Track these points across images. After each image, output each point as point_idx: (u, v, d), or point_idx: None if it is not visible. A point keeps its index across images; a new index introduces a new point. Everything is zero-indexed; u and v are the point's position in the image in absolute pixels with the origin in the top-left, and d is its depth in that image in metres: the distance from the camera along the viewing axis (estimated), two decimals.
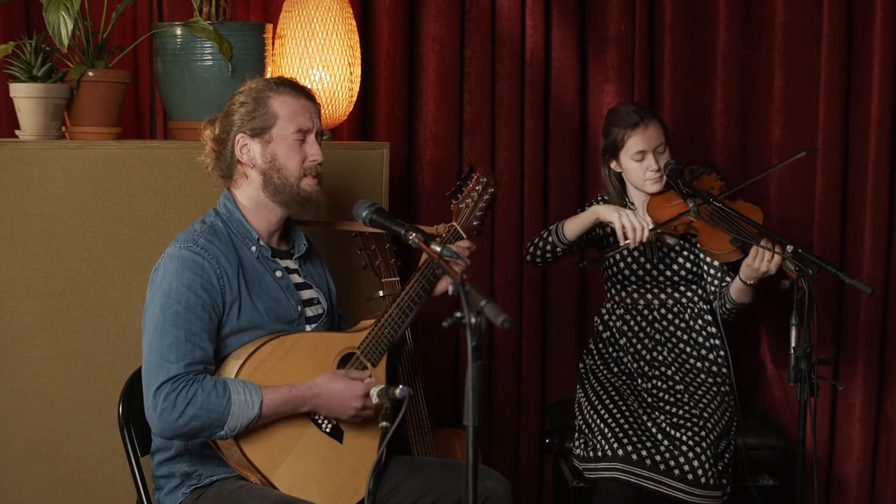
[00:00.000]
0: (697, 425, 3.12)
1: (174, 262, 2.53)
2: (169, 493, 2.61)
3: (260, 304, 2.60)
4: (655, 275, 3.40)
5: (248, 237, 2.65)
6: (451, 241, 2.86)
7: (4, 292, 2.99)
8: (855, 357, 3.83)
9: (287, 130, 2.64)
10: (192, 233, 2.60)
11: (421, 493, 2.68)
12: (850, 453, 3.86)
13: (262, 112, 2.63)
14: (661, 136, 3.32)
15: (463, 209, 2.93)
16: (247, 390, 2.46)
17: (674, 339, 3.40)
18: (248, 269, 2.62)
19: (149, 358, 2.49)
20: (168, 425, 2.44)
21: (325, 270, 2.86)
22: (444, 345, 3.87)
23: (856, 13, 3.77)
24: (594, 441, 3.18)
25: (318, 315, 2.75)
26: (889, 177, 3.78)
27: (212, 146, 2.71)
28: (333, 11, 3.41)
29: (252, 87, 2.68)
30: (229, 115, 2.67)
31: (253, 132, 2.64)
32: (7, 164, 2.98)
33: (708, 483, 3.05)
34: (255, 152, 2.64)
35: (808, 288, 2.89)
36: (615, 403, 3.24)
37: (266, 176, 2.64)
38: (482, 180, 2.97)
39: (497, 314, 1.92)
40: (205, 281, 2.52)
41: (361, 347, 2.67)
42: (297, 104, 2.66)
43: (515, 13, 3.80)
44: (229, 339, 2.57)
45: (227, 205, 2.68)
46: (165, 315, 2.49)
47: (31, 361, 3.02)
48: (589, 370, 3.45)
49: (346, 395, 2.56)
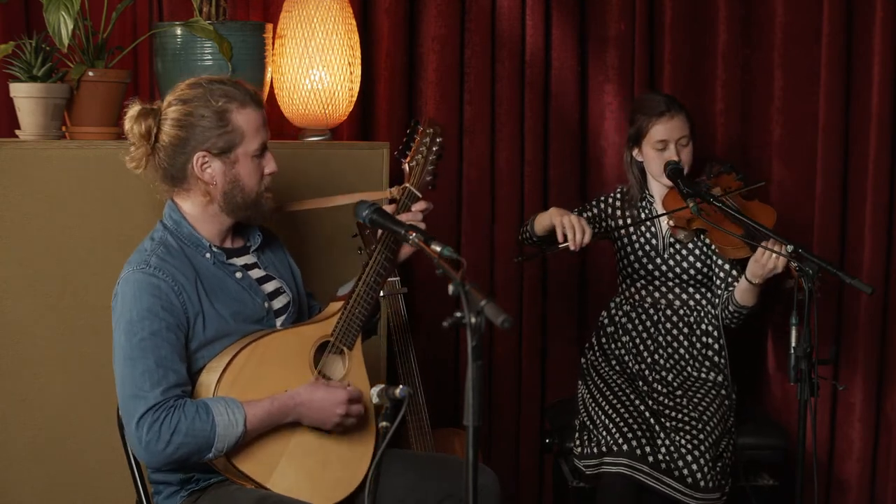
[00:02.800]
0: (696, 428, 3.13)
1: (130, 286, 2.48)
2: (167, 497, 2.60)
3: (225, 311, 2.55)
4: (665, 270, 3.39)
5: (200, 245, 2.59)
6: (406, 204, 2.77)
7: (4, 292, 3.00)
8: (855, 357, 3.83)
9: (251, 147, 2.56)
10: (142, 253, 2.54)
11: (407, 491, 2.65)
12: (850, 453, 3.86)
13: (228, 130, 2.53)
14: (686, 128, 3.34)
15: (414, 167, 2.82)
16: (229, 409, 2.43)
17: (675, 342, 3.40)
18: (207, 278, 2.56)
19: (122, 389, 2.45)
20: (155, 456, 2.41)
21: (286, 255, 2.80)
22: (444, 344, 3.87)
23: (856, 13, 3.77)
24: (598, 436, 3.18)
25: (285, 305, 2.70)
26: (889, 177, 3.78)
27: (144, 146, 2.56)
28: (333, 11, 3.41)
29: (208, 98, 2.53)
30: (186, 126, 2.52)
31: (217, 150, 2.53)
32: (7, 164, 2.98)
33: (707, 486, 3.06)
34: (217, 171, 2.55)
35: (808, 288, 2.89)
36: (618, 398, 3.24)
37: (227, 195, 2.57)
38: (428, 131, 2.84)
39: (497, 314, 1.92)
40: (164, 302, 2.46)
41: (335, 334, 2.62)
42: (257, 117, 2.57)
43: (515, 13, 3.80)
44: (200, 353, 2.53)
45: (172, 216, 2.60)
46: (132, 343, 2.44)
47: (31, 361, 3.02)
48: (590, 365, 3.46)
49: (328, 404, 2.53)
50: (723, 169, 3.45)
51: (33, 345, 3.02)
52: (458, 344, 3.90)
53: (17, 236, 2.99)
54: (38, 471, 3.04)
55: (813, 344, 2.88)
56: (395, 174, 3.68)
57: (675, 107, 3.34)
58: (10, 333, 3.00)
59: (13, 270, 2.99)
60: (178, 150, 2.54)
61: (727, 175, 3.43)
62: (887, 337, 3.81)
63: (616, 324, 3.48)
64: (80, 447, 3.06)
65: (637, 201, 3.45)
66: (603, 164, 3.90)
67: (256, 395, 2.49)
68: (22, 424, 3.03)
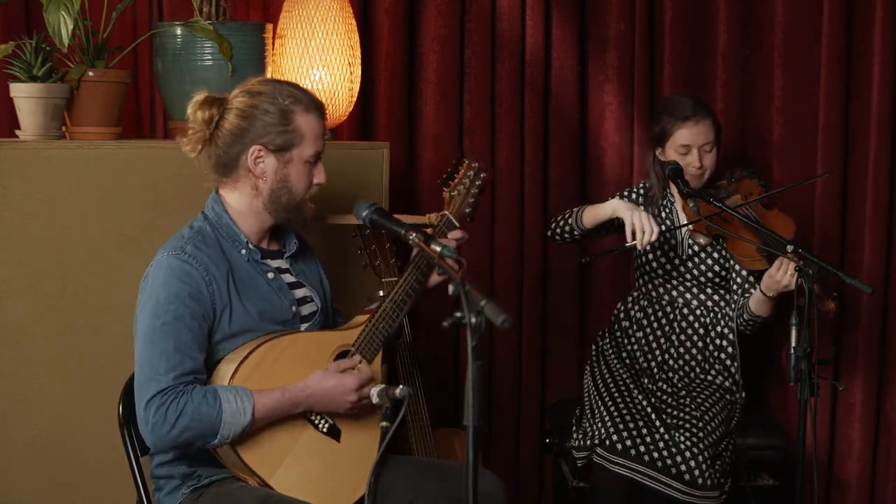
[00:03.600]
0: (696, 427, 3.12)
1: (162, 271, 2.51)
2: (168, 493, 2.60)
3: (252, 308, 2.58)
4: (683, 271, 3.39)
5: (237, 240, 2.62)
6: (443, 231, 2.84)
7: (4, 292, 3.00)
8: (855, 357, 3.83)
9: (307, 153, 2.60)
10: (179, 239, 2.57)
11: (411, 497, 2.65)
12: (850, 453, 3.86)
13: (289, 129, 2.57)
14: (711, 134, 3.32)
15: (455, 196, 2.90)
16: (238, 397, 2.44)
17: (689, 342, 3.39)
18: (239, 272, 2.59)
19: (140, 370, 2.48)
20: (160, 438, 2.43)
21: (318, 267, 2.84)
22: (445, 344, 3.87)
23: (856, 13, 3.77)
24: (594, 426, 3.17)
25: (312, 313, 2.73)
26: (889, 177, 3.79)
27: (203, 132, 2.59)
28: (333, 11, 3.41)
29: (276, 96, 2.57)
30: (248, 118, 2.56)
31: (275, 147, 2.57)
32: (7, 164, 2.98)
33: (705, 484, 3.06)
34: (269, 168, 2.59)
35: (808, 288, 2.89)
36: (620, 393, 3.24)
37: (273, 193, 2.60)
38: (473, 166, 2.93)
39: (497, 314, 1.92)
40: (193, 290, 2.49)
41: (356, 344, 2.66)
42: (319, 127, 2.61)
43: (515, 13, 3.80)
44: (222, 344, 2.55)
45: (215, 208, 2.64)
46: (154, 326, 2.47)
47: (31, 361, 3.02)
48: (601, 353, 3.45)
49: (340, 391, 2.54)
50: (745, 174, 3.42)
51: (33, 345, 3.02)
52: (458, 344, 3.90)
53: (17, 236, 2.99)
54: (38, 471, 3.04)
55: (813, 344, 2.88)
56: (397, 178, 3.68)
57: (701, 111, 3.31)
58: (10, 333, 3.00)
59: (13, 270, 2.99)
60: (237, 140, 2.58)
61: (749, 180, 3.40)
62: (887, 337, 3.82)
63: (631, 318, 3.47)
64: (80, 447, 3.06)
65: (659, 199, 3.43)
66: (603, 164, 3.90)
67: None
68: (22, 424, 3.03)
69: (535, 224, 3.85)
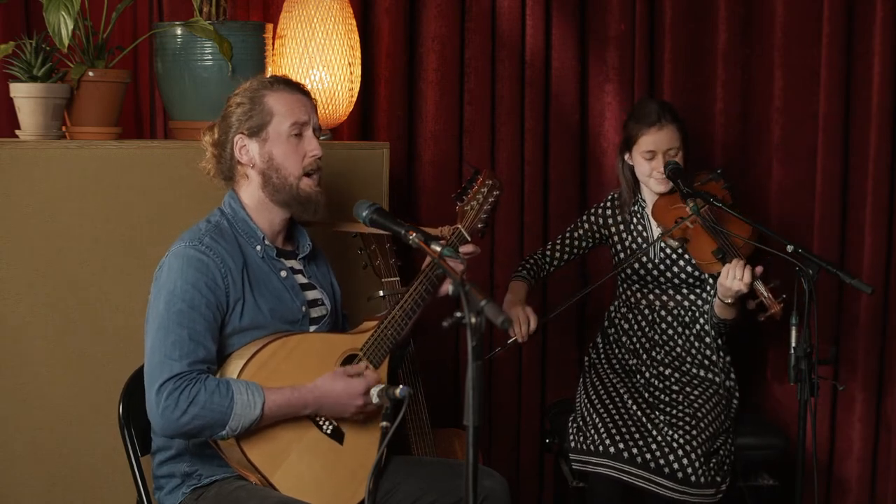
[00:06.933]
0: (690, 424, 3.13)
1: (179, 260, 2.54)
2: (169, 492, 2.61)
3: (264, 305, 2.60)
4: (657, 275, 3.40)
5: (252, 236, 2.66)
6: (455, 244, 2.86)
7: (4, 292, 2.99)
8: (855, 357, 3.83)
9: (283, 126, 2.64)
10: (197, 231, 2.61)
11: (419, 494, 2.68)
12: (850, 453, 3.86)
13: (259, 110, 2.64)
14: (676, 140, 3.32)
15: (468, 211, 2.92)
16: (249, 391, 2.46)
17: (671, 342, 3.40)
18: (253, 268, 2.62)
19: (151, 355, 2.49)
20: (170, 423, 2.44)
21: (329, 271, 2.86)
22: (444, 345, 3.87)
23: (856, 13, 3.77)
24: (587, 434, 3.18)
25: (321, 316, 2.75)
26: (889, 177, 3.79)
27: (212, 151, 2.72)
28: (333, 11, 3.41)
29: (247, 87, 2.69)
30: (226, 117, 2.68)
31: (250, 131, 2.64)
32: (7, 164, 2.98)
33: (699, 482, 3.06)
34: (254, 152, 2.65)
35: (808, 288, 2.89)
36: (612, 400, 3.25)
37: (265, 176, 2.65)
38: (487, 182, 2.95)
39: (497, 314, 1.93)
40: (209, 279, 2.52)
41: (364, 349, 2.67)
42: (291, 98, 2.67)
43: (515, 13, 3.80)
44: (232, 339, 2.57)
45: (231, 204, 2.68)
46: (169, 313, 2.49)
47: (31, 361, 3.02)
48: (591, 364, 3.48)
49: (348, 395, 2.56)
50: (711, 176, 3.43)
51: (33, 345, 3.02)
52: (458, 344, 3.90)
53: (17, 236, 2.99)
54: (38, 471, 3.04)
55: (813, 344, 2.88)
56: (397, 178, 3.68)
57: (666, 117, 3.32)
58: (10, 333, 3.00)
59: (13, 270, 2.99)
60: (225, 140, 2.68)
61: (715, 183, 3.41)
62: (887, 337, 3.82)
63: (616, 325, 3.49)
64: (80, 447, 3.06)
65: (629, 206, 3.45)
66: (603, 164, 3.90)
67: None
68: (22, 424, 3.02)
69: (534, 224, 3.85)
